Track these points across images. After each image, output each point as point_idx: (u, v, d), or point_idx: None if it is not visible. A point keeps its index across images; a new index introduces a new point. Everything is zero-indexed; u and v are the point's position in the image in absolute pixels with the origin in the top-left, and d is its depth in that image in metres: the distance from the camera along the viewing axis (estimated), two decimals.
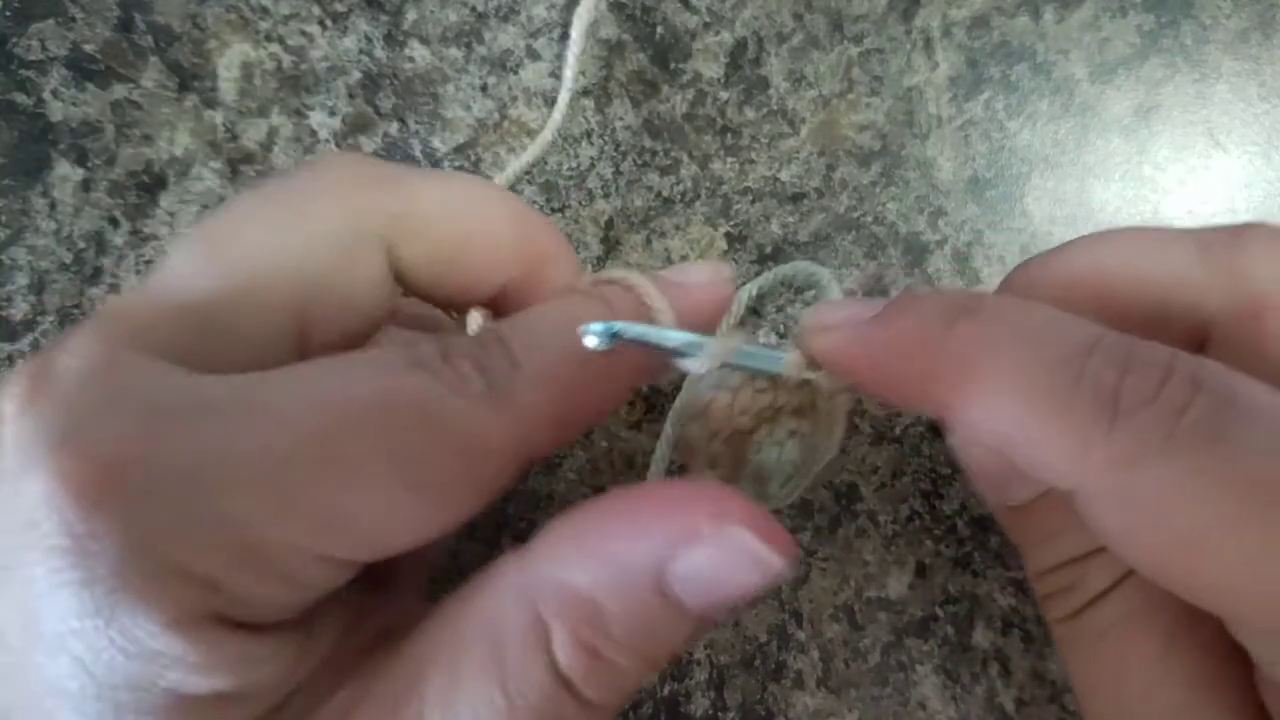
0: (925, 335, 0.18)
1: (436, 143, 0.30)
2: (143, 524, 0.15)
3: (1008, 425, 0.17)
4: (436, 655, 0.17)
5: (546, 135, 0.27)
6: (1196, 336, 0.19)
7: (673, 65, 0.30)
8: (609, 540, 0.17)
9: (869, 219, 0.29)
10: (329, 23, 0.30)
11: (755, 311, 0.29)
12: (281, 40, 0.30)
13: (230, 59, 0.30)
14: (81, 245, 0.29)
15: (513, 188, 0.30)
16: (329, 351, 0.18)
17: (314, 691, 0.17)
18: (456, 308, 0.23)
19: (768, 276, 0.27)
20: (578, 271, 0.23)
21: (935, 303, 0.18)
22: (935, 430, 0.29)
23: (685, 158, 0.30)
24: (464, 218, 0.21)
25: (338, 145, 0.30)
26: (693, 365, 0.19)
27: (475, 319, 0.22)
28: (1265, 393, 0.15)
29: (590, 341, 0.18)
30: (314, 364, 0.17)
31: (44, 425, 0.15)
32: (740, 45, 0.30)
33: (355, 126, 0.30)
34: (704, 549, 0.16)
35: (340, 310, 0.19)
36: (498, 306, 0.22)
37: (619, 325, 0.18)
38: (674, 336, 0.19)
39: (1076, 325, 0.17)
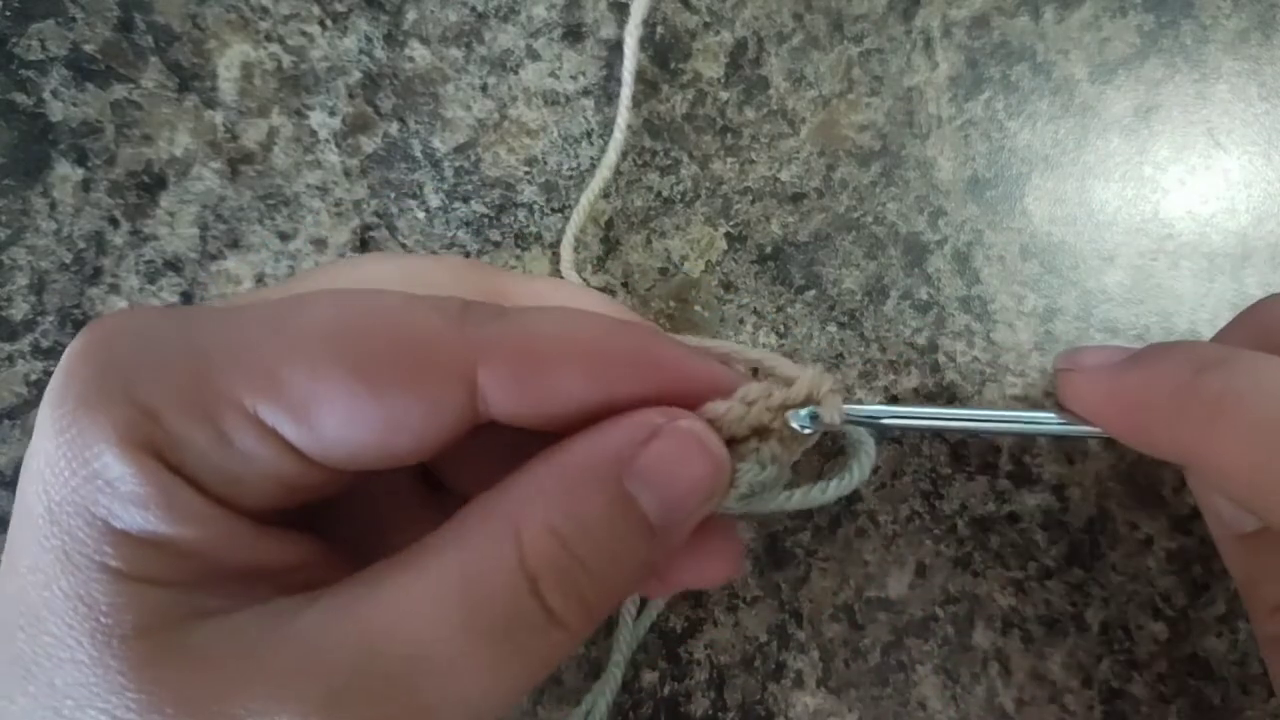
0: (1176, 381, 0.19)
1: (436, 143, 0.30)
2: (117, 360, 0.17)
3: (1248, 472, 0.18)
4: (393, 565, 0.17)
5: (611, 156, 0.28)
6: None
7: (673, 65, 0.30)
8: (576, 449, 0.18)
9: (869, 219, 0.29)
10: (329, 23, 0.30)
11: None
12: (281, 40, 0.30)
13: (230, 59, 0.30)
14: (81, 245, 0.29)
15: (513, 187, 0.30)
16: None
17: (259, 592, 0.17)
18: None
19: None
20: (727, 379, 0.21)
21: (1186, 353, 0.19)
22: (935, 431, 0.29)
23: (685, 158, 0.30)
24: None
25: (338, 145, 0.30)
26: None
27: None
28: None
29: (797, 424, 0.20)
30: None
31: (91, 330, 0.18)
32: (740, 45, 0.30)
33: (355, 126, 0.30)
34: (658, 442, 0.18)
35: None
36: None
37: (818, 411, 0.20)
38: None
39: None
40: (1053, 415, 0.22)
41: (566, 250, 0.28)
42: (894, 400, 0.29)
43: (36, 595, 0.16)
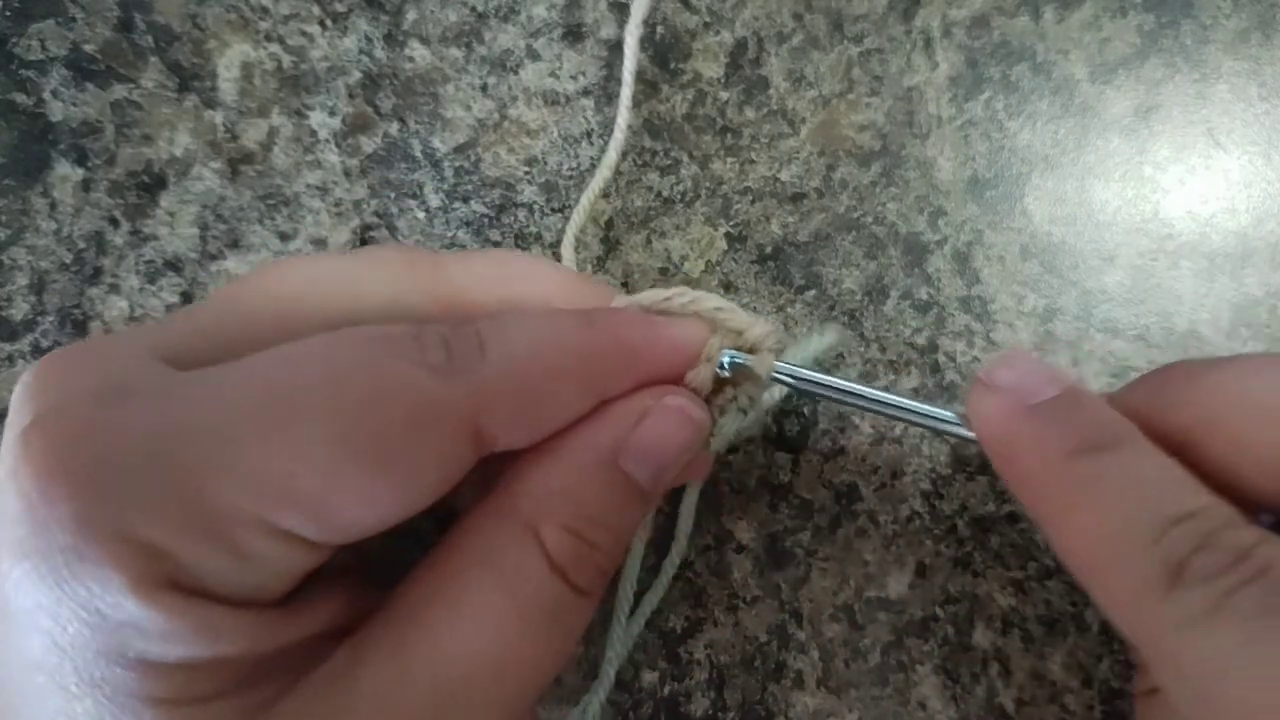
0: (1055, 454, 0.19)
1: (436, 143, 0.30)
2: (97, 492, 0.15)
3: (1086, 564, 0.19)
4: (431, 591, 0.18)
5: (612, 156, 0.28)
6: None
7: (673, 65, 0.30)
8: (577, 445, 0.19)
9: (869, 219, 0.29)
10: (329, 23, 0.30)
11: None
12: (281, 40, 0.30)
13: (230, 59, 0.30)
14: (81, 245, 0.29)
15: (513, 187, 0.30)
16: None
17: (308, 659, 0.17)
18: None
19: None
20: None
21: (1079, 426, 0.19)
22: (935, 430, 0.29)
23: (685, 158, 0.30)
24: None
25: (338, 145, 0.30)
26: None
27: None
28: None
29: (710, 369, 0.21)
30: (281, 347, 0.18)
31: (30, 409, 0.16)
32: (740, 45, 0.30)
33: (355, 126, 0.30)
34: (649, 422, 0.20)
35: None
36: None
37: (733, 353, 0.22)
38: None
39: (1181, 493, 0.18)
40: (954, 417, 0.22)
41: (567, 249, 0.28)
42: None
43: None
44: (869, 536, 0.28)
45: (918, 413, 0.23)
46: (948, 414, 0.23)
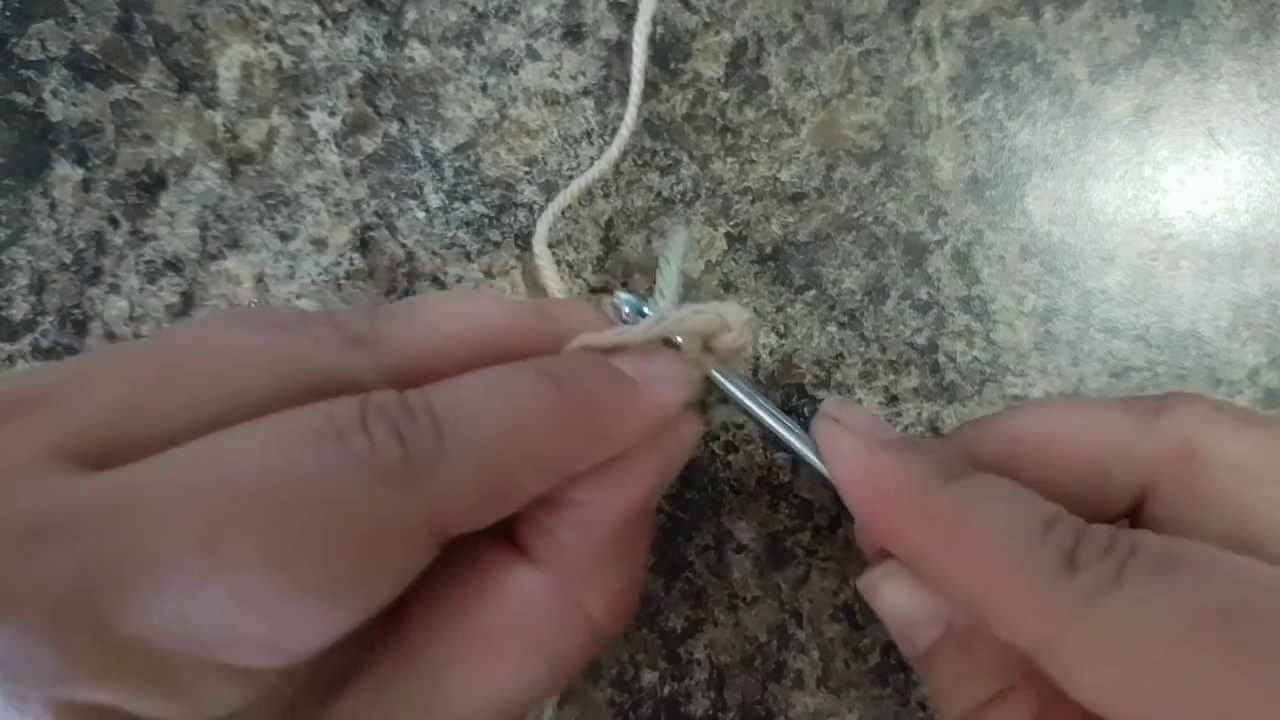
0: (921, 483, 0.20)
1: (436, 143, 0.30)
2: (25, 665, 0.13)
3: (979, 582, 0.19)
4: (463, 651, 0.18)
5: (614, 151, 0.27)
6: (1134, 487, 0.20)
7: (673, 65, 0.30)
8: (610, 508, 0.19)
9: (869, 219, 0.29)
10: (329, 23, 0.30)
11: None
12: (281, 40, 0.30)
13: (230, 59, 0.30)
14: (81, 245, 0.29)
15: (513, 186, 0.30)
16: None
17: (306, 704, 0.17)
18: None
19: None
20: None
21: (935, 458, 0.20)
22: (935, 430, 0.29)
23: (685, 158, 0.30)
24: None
25: (338, 145, 0.30)
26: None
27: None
28: (1191, 543, 0.18)
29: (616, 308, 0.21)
30: (209, 439, 0.15)
31: None
32: (740, 45, 0.30)
33: (355, 126, 0.30)
34: (665, 456, 0.20)
35: None
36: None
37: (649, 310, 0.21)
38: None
39: (1039, 501, 0.19)
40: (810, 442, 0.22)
41: (544, 225, 0.27)
42: (893, 400, 0.29)
43: None
44: None
45: (799, 441, 0.22)
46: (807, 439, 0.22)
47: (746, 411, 0.22)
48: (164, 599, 0.14)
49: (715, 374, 0.22)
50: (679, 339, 0.21)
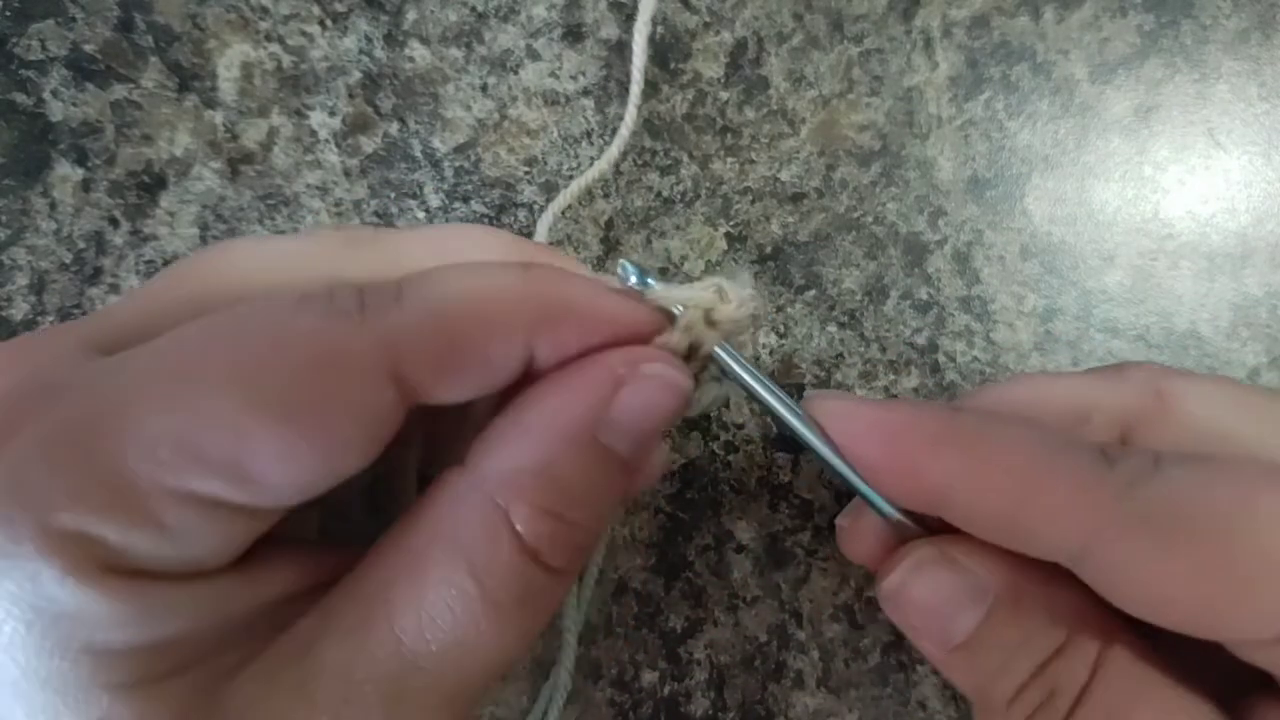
0: (937, 414, 0.20)
1: (436, 143, 0.30)
2: (19, 489, 0.15)
3: (1018, 487, 0.18)
4: (397, 567, 0.17)
5: (614, 151, 0.27)
6: (1115, 433, 0.21)
7: (673, 65, 0.30)
8: (546, 413, 0.18)
9: (869, 219, 0.29)
10: (329, 23, 0.30)
11: None
12: (281, 40, 0.30)
13: (230, 59, 0.30)
14: (81, 245, 0.29)
15: (513, 187, 0.30)
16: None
17: (271, 623, 0.17)
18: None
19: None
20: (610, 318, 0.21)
21: (939, 404, 0.21)
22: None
23: (685, 158, 0.30)
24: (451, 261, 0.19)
25: (338, 145, 0.30)
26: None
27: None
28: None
29: (622, 276, 0.20)
30: (193, 320, 0.17)
31: None
32: (740, 45, 0.30)
33: (355, 126, 0.30)
34: (629, 392, 0.19)
35: None
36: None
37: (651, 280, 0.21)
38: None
39: (1053, 427, 0.20)
40: (894, 514, 0.21)
41: (544, 225, 0.27)
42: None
43: None
44: None
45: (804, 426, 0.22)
46: (885, 507, 0.21)
47: (748, 390, 0.22)
48: (138, 428, 0.15)
49: (718, 349, 0.21)
50: (678, 309, 0.21)
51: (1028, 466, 0.18)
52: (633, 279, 0.21)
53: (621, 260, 0.21)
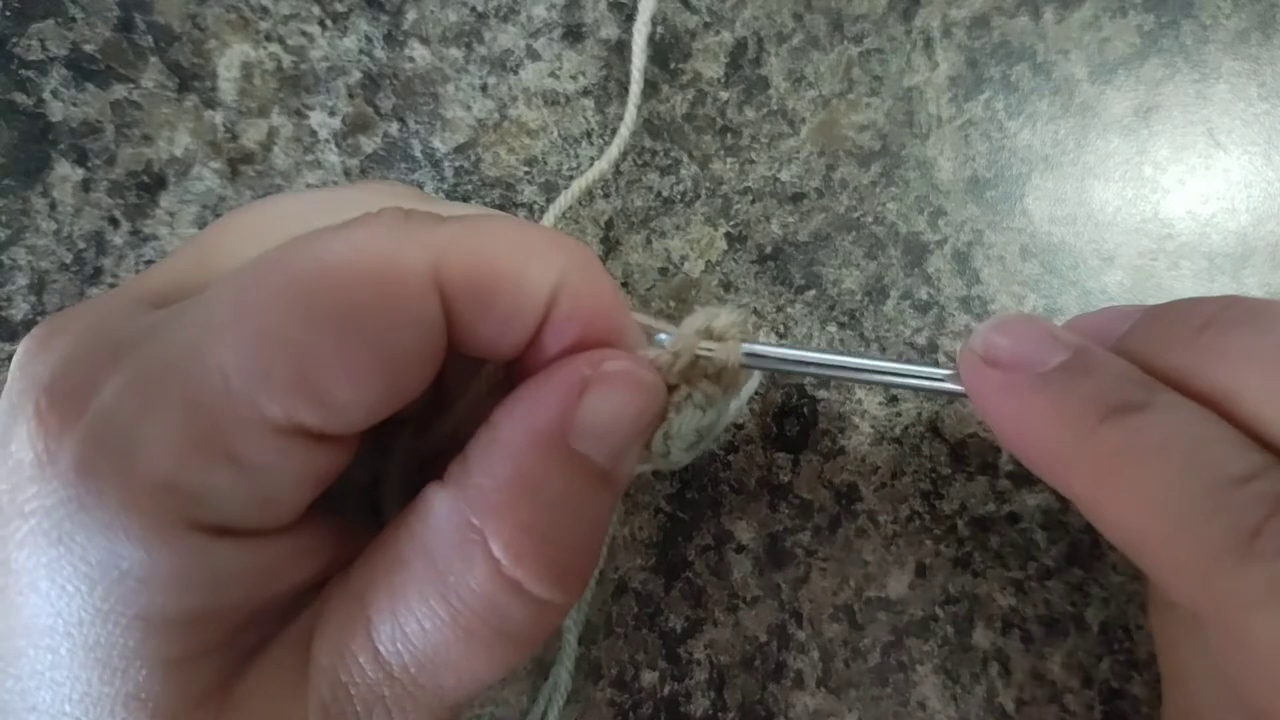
0: (1080, 425, 0.18)
1: (436, 143, 0.30)
2: (97, 441, 0.15)
3: (1136, 535, 0.17)
4: (376, 578, 0.17)
5: (614, 151, 0.27)
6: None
7: (673, 65, 0.30)
8: (516, 425, 0.18)
9: (869, 219, 0.29)
10: (329, 23, 0.30)
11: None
12: (281, 40, 0.30)
13: (230, 59, 0.30)
14: (81, 245, 0.29)
15: (513, 187, 0.30)
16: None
17: (283, 613, 0.17)
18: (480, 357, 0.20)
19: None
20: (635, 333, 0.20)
21: (1100, 387, 0.18)
22: (935, 430, 0.29)
23: (685, 158, 0.30)
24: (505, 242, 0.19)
25: (338, 145, 0.30)
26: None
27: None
28: None
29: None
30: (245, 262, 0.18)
31: (30, 372, 0.16)
32: (740, 45, 0.30)
33: (355, 126, 0.30)
34: (594, 393, 0.18)
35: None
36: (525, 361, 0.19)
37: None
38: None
39: (1234, 452, 0.16)
40: (945, 374, 0.21)
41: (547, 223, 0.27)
42: (893, 400, 0.29)
43: (63, 703, 0.15)
44: (869, 536, 0.28)
45: (906, 374, 0.21)
46: (939, 372, 0.21)
47: (792, 368, 0.21)
48: (209, 364, 0.15)
49: (746, 346, 0.20)
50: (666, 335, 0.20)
51: (1157, 520, 0.16)
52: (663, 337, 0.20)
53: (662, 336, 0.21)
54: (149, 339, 0.16)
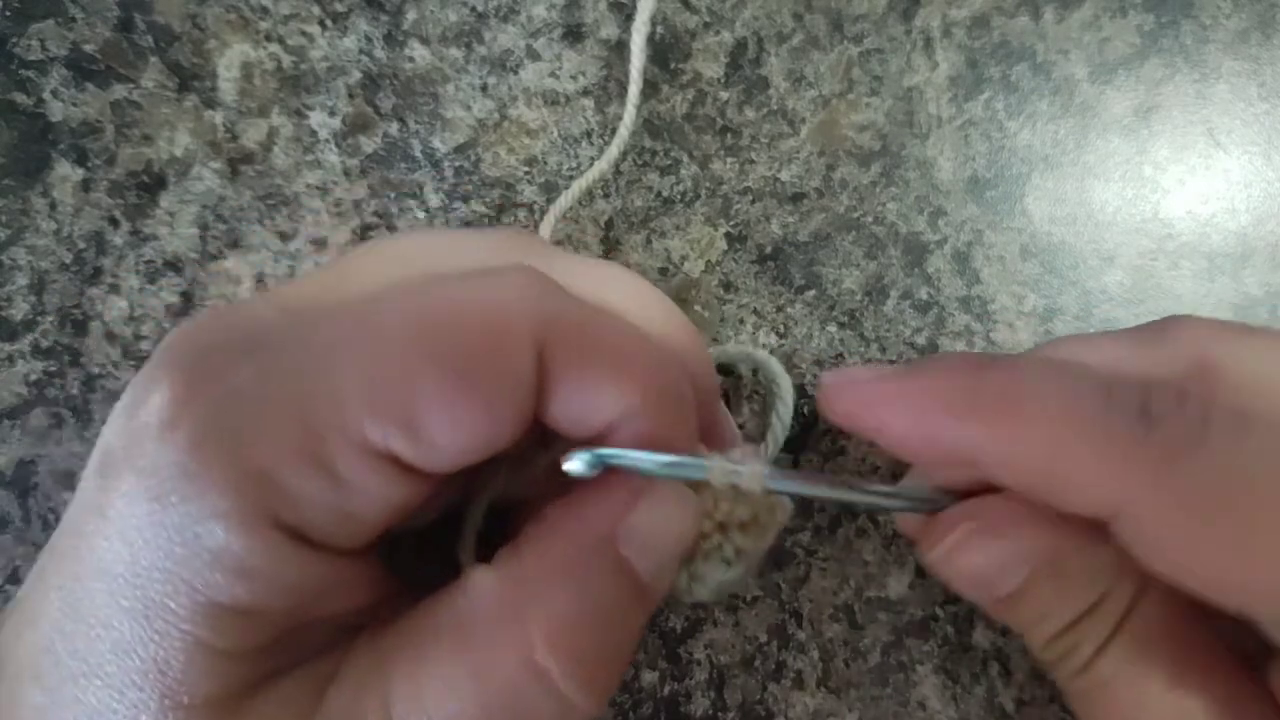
0: (961, 379, 0.19)
1: (436, 143, 0.30)
2: (214, 422, 0.16)
3: (1047, 453, 0.18)
4: (405, 643, 0.17)
5: (614, 151, 0.27)
6: None
7: (673, 65, 0.30)
8: (575, 518, 0.18)
9: (869, 219, 0.29)
10: (329, 23, 0.30)
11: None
12: (281, 40, 0.30)
13: (230, 59, 0.30)
14: (81, 245, 0.29)
15: (513, 187, 0.30)
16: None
17: (318, 641, 0.18)
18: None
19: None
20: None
21: (963, 356, 0.20)
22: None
23: (685, 158, 0.30)
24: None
25: (338, 145, 0.30)
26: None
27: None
28: (1256, 399, 0.17)
29: (574, 466, 0.18)
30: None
31: (167, 358, 0.17)
32: (740, 45, 0.30)
33: (355, 126, 0.30)
34: (645, 501, 0.19)
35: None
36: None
37: (605, 453, 0.19)
38: (667, 461, 0.19)
39: (1092, 369, 0.18)
40: (924, 489, 0.22)
41: (546, 228, 0.27)
42: None
43: (106, 651, 0.16)
44: (869, 536, 0.28)
45: (890, 497, 0.23)
46: (917, 489, 0.22)
47: (815, 498, 0.22)
48: (330, 379, 0.16)
49: (769, 472, 0.20)
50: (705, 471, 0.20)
51: (1062, 426, 0.18)
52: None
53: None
54: (281, 342, 0.17)
